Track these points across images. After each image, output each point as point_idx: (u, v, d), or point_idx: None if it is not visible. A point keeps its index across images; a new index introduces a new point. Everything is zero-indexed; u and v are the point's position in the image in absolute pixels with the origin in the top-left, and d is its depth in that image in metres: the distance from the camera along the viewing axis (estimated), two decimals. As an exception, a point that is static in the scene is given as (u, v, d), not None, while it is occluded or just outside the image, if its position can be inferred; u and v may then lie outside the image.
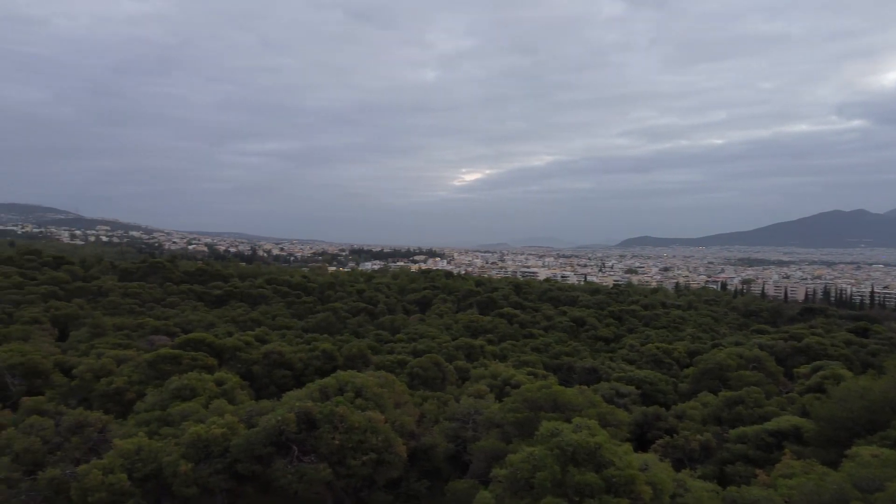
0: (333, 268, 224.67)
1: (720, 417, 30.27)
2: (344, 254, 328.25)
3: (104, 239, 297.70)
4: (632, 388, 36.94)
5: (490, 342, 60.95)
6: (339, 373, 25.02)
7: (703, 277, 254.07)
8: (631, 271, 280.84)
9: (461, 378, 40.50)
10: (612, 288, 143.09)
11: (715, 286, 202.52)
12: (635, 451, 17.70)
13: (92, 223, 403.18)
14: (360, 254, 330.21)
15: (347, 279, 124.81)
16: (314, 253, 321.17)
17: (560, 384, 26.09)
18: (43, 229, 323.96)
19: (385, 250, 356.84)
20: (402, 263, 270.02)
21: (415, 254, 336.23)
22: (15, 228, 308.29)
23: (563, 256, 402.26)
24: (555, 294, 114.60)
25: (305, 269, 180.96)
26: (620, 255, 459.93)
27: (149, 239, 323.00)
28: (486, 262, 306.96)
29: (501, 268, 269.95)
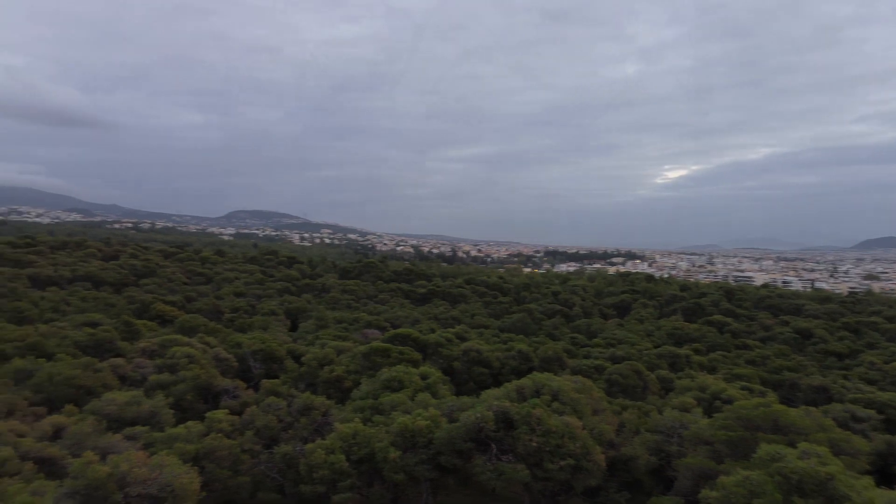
0: (528, 269, 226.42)
1: None
2: (539, 255, 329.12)
3: (327, 241, 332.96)
4: (872, 413, 31.75)
5: (697, 352, 56.71)
6: (536, 374, 25.06)
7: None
8: (871, 277, 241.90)
9: (664, 388, 38.26)
10: (846, 296, 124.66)
11: None
12: (877, 485, 15.19)
13: (317, 227, 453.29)
14: (555, 255, 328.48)
15: (542, 281, 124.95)
16: (509, 254, 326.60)
17: (781, 402, 23.40)
18: (279, 232, 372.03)
19: (580, 252, 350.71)
20: (598, 266, 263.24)
21: (612, 256, 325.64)
22: (258, 232, 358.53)
23: (785, 259, 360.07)
24: (774, 301, 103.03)
25: (501, 270, 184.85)
26: (857, 259, 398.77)
27: (363, 241, 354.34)
28: (693, 265, 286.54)
29: (710, 271, 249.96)
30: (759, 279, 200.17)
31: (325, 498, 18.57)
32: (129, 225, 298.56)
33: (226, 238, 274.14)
